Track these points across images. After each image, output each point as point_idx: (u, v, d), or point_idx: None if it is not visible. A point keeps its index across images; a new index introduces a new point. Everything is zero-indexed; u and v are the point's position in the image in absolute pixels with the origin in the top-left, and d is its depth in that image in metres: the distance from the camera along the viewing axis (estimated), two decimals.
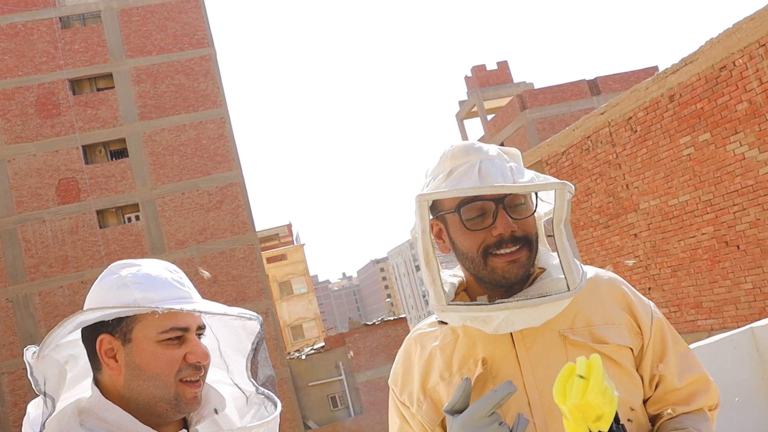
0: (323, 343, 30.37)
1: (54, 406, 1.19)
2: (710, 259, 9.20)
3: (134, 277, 1.26)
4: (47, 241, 25.97)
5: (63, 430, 1.21)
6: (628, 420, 1.35)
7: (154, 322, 1.23)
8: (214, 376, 1.38)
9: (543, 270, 1.43)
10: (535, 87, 36.39)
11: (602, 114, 10.71)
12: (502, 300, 1.32)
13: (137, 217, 26.80)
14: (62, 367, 1.27)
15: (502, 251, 1.33)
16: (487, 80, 38.60)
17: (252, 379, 1.37)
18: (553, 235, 1.34)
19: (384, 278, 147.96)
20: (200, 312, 1.25)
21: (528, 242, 1.35)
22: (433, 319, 1.51)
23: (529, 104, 30.95)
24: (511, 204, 1.34)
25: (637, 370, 1.40)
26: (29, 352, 1.21)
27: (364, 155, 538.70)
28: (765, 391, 4.22)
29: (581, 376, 1.09)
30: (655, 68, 30.19)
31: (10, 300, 25.42)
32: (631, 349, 1.39)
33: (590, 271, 1.46)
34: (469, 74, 39.39)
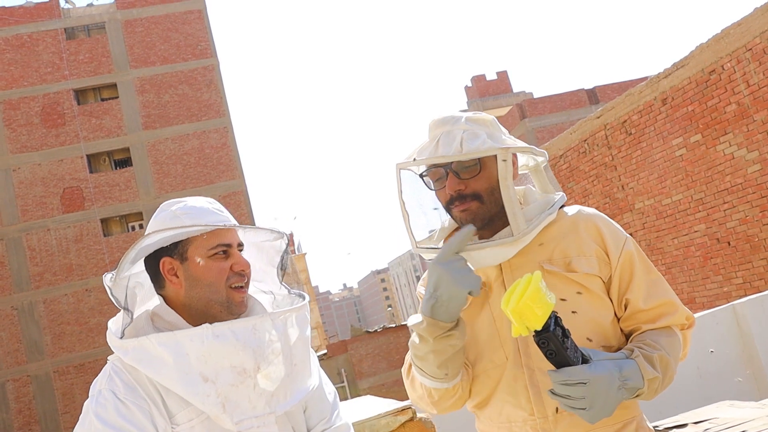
0: (325, 350, 30.54)
1: (132, 318, 1.52)
2: (702, 256, 9.50)
3: (183, 209, 1.57)
4: (52, 250, 26.13)
5: (139, 329, 1.53)
6: (588, 340, 1.60)
7: (203, 242, 1.53)
8: (251, 287, 1.69)
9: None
10: (535, 96, 36.73)
11: (598, 118, 11.05)
12: (479, 242, 1.64)
13: (141, 226, 27.02)
14: (132, 291, 1.60)
15: (454, 205, 1.65)
16: (487, 90, 39.01)
17: (283, 284, 1.70)
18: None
19: (385, 289, 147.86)
20: (238, 227, 1.56)
21: (477, 197, 1.64)
22: None
23: (528, 113, 31.29)
24: (459, 168, 1.63)
25: (608, 294, 1.66)
26: (107, 278, 1.52)
27: (366, 165, 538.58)
28: (745, 362, 4.50)
29: (520, 288, 1.38)
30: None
31: (15, 308, 25.55)
32: (600, 276, 1.64)
33: (574, 208, 1.75)
34: (470, 84, 39.78)
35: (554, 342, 1.40)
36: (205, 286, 1.52)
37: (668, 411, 3.98)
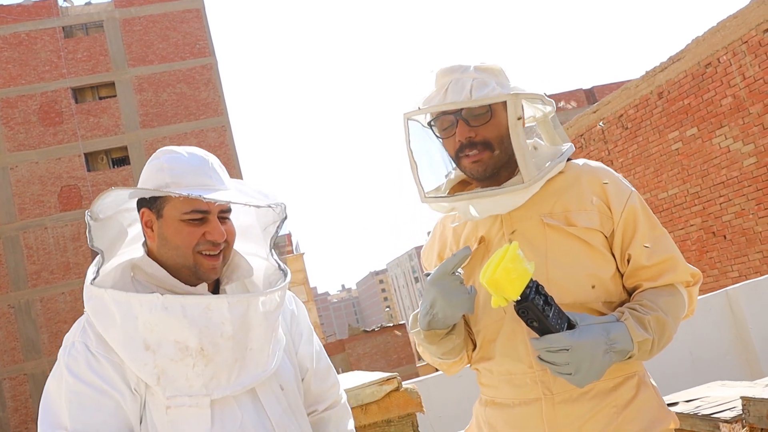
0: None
1: (104, 258, 1.49)
2: (699, 249, 9.50)
3: (169, 163, 1.51)
4: (49, 248, 26.09)
5: (118, 279, 1.50)
6: (592, 286, 1.59)
7: (179, 204, 1.46)
8: (249, 249, 1.67)
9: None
10: None
11: (595, 112, 11.04)
12: (460, 193, 1.64)
13: None
14: (122, 228, 1.57)
15: (465, 154, 1.63)
16: None
17: (274, 256, 1.65)
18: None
19: (383, 290, 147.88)
20: (219, 201, 1.47)
21: (488, 145, 1.62)
22: None
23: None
24: (469, 115, 1.61)
25: (611, 249, 1.63)
26: (87, 216, 1.48)
27: (365, 166, 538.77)
28: (738, 347, 4.49)
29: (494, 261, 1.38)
30: None
31: (12, 306, 25.51)
32: (601, 231, 1.61)
33: (580, 161, 1.72)
34: None
35: (534, 311, 1.39)
36: (172, 247, 1.48)
37: (662, 394, 3.97)
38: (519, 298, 1.38)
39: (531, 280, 1.39)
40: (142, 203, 1.52)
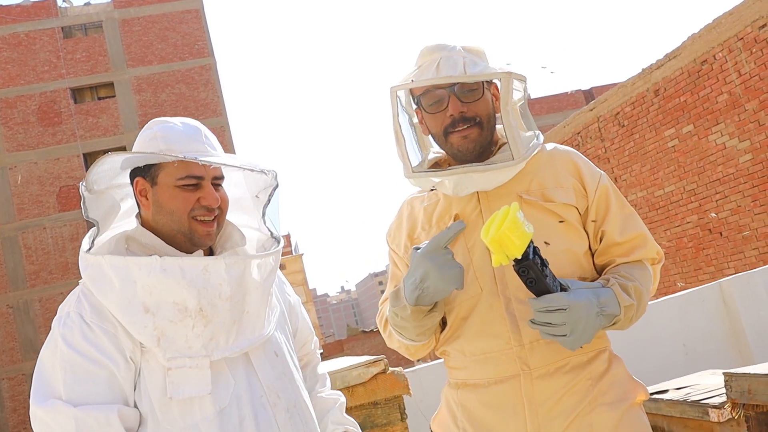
0: (322, 350, 30.52)
1: (98, 228, 1.51)
2: (695, 247, 9.50)
3: (163, 131, 1.53)
4: (48, 248, 26.09)
5: (112, 250, 1.51)
6: (568, 262, 1.63)
7: (173, 170, 1.49)
8: (241, 220, 1.69)
9: (506, 143, 1.74)
10: (532, 97, 36.78)
11: (591, 110, 11.05)
12: (452, 167, 1.65)
13: None
14: (115, 202, 1.59)
15: (457, 129, 1.64)
16: None
17: (267, 224, 1.67)
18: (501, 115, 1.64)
19: (382, 291, 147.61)
20: (214, 164, 1.50)
21: (478, 122, 1.65)
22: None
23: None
24: (461, 91, 1.64)
25: (584, 227, 1.68)
26: (82, 187, 1.51)
27: (364, 166, 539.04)
28: (731, 339, 4.49)
29: (499, 218, 1.39)
30: None
31: (11, 306, 25.50)
32: (577, 208, 1.67)
33: (550, 145, 1.78)
34: None
35: (534, 270, 1.41)
36: (167, 213, 1.50)
37: (654, 385, 3.97)
38: (520, 256, 1.40)
39: (530, 241, 1.41)
40: (136, 173, 1.54)
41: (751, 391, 1.73)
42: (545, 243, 1.61)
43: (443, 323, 1.73)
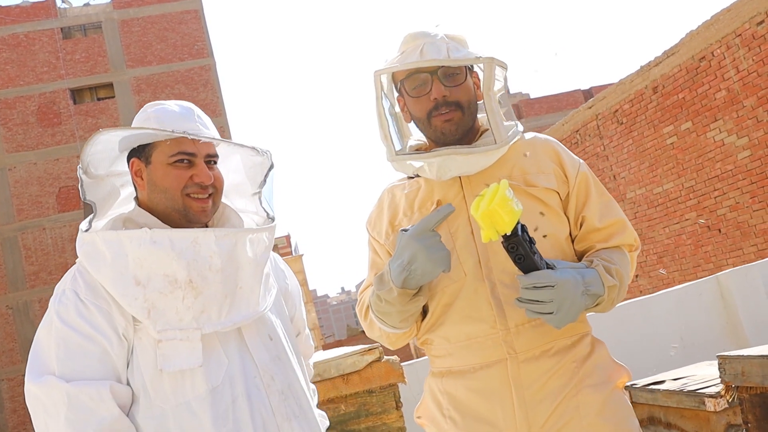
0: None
1: (95, 210, 1.53)
2: (694, 244, 9.50)
3: (155, 112, 1.56)
4: (47, 249, 26.09)
5: (110, 228, 1.53)
6: (550, 247, 1.65)
7: (166, 148, 1.52)
8: (239, 205, 1.71)
9: (486, 130, 1.75)
10: (531, 97, 36.77)
11: (590, 108, 11.05)
12: (437, 149, 1.66)
13: None
14: (114, 188, 1.62)
15: (439, 112, 1.66)
16: None
17: (263, 205, 1.68)
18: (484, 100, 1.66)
19: None
20: (205, 139, 1.53)
21: (460, 106, 1.67)
22: (403, 176, 1.85)
23: (525, 113, 31.35)
24: (444, 75, 1.66)
25: (565, 213, 1.70)
26: (80, 171, 1.54)
27: (364, 167, 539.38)
28: (728, 333, 4.49)
29: (489, 194, 1.41)
30: None
31: (10, 307, 25.50)
32: (558, 192, 1.69)
33: (529, 134, 1.80)
34: None
35: (523, 247, 1.42)
36: (161, 191, 1.52)
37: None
38: (510, 232, 1.40)
39: (519, 219, 1.42)
40: (132, 155, 1.56)
41: (745, 373, 1.73)
42: (534, 229, 1.63)
43: (424, 312, 1.73)
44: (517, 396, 1.58)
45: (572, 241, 1.72)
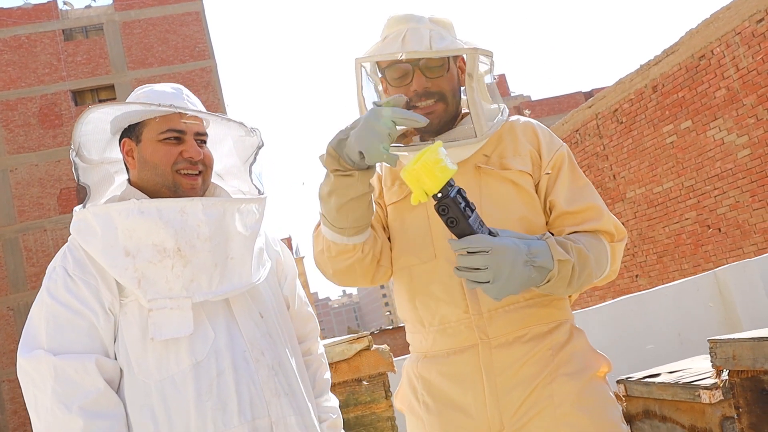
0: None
1: (89, 193, 1.56)
2: (693, 243, 9.46)
3: (145, 92, 1.60)
4: (48, 250, 26.12)
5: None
6: (524, 231, 1.58)
7: (155, 126, 1.55)
8: (233, 186, 1.73)
9: (467, 114, 1.72)
10: (532, 99, 36.77)
11: (590, 107, 11.03)
12: (415, 143, 1.64)
13: None
14: (108, 174, 1.65)
15: (420, 104, 1.63)
16: None
17: (255, 183, 1.69)
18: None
19: (384, 295, 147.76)
20: (192, 112, 1.55)
21: (442, 96, 1.63)
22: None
23: (526, 116, 31.39)
24: (426, 66, 1.62)
25: (537, 194, 1.65)
26: (72, 153, 1.57)
27: None
28: (727, 329, 4.46)
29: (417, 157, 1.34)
30: None
31: (11, 308, 25.52)
32: (531, 175, 1.64)
33: (514, 117, 1.77)
34: None
35: (454, 209, 1.34)
36: (151, 167, 1.54)
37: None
38: (440, 194, 1.34)
39: (453, 180, 1.36)
40: (123, 136, 1.59)
41: (736, 356, 1.70)
42: (504, 209, 1.60)
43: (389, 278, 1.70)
44: (488, 382, 1.54)
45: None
